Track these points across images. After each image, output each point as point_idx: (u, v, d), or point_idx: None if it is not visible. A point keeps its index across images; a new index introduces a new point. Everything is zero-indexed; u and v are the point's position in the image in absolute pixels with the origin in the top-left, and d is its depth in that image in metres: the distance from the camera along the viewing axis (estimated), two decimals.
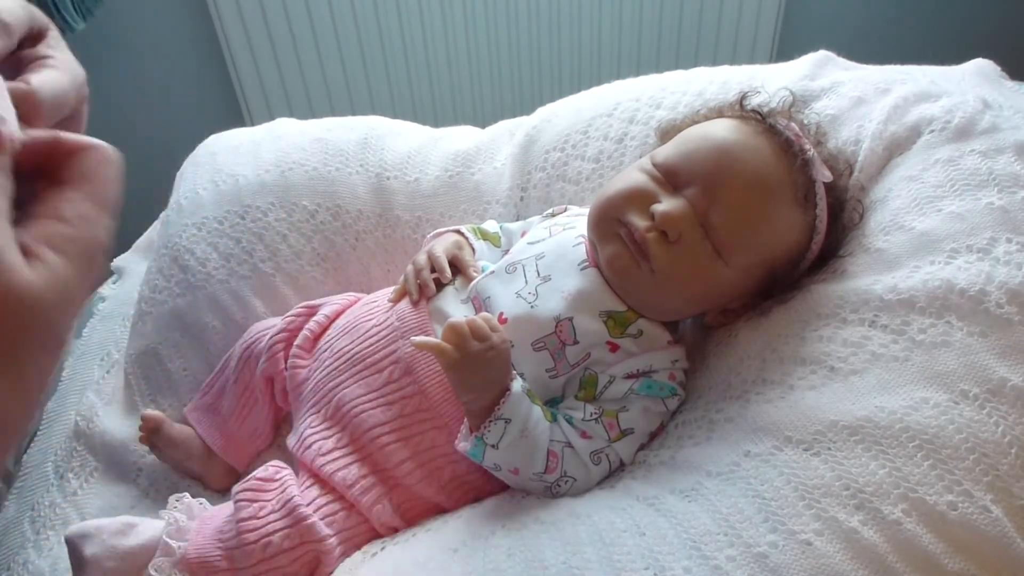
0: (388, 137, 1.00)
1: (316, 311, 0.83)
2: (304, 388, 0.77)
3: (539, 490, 0.68)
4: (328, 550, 0.64)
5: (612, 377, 0.69)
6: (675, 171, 0.70)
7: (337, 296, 0.86)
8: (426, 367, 0.71)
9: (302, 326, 0.81)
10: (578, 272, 0.72)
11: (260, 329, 0.84)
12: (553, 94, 1.05)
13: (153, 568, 0.63)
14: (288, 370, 0.79)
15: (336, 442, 0.71)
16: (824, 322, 0.66)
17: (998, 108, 0.75)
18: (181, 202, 0.95)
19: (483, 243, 0.84)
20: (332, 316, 0.82)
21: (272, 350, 0.80)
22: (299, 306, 0.84)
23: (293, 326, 0.82)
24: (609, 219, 0.70)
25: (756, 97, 0.78)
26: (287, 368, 0.79)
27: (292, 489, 0.67)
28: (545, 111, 1.01)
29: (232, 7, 1.72)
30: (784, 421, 0.60)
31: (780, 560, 0.52)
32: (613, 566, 0.54)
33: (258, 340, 0.82)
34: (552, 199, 0.93)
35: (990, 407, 0.56)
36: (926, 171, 0.71)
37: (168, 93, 1.90)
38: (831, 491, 0.54)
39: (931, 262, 0.64)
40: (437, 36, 1.84)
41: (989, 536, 0.52)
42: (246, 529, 0.64)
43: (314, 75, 1.86)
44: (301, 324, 0.82)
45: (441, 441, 0.70)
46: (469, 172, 0.97)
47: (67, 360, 0.96)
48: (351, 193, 0.94)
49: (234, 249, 0.90)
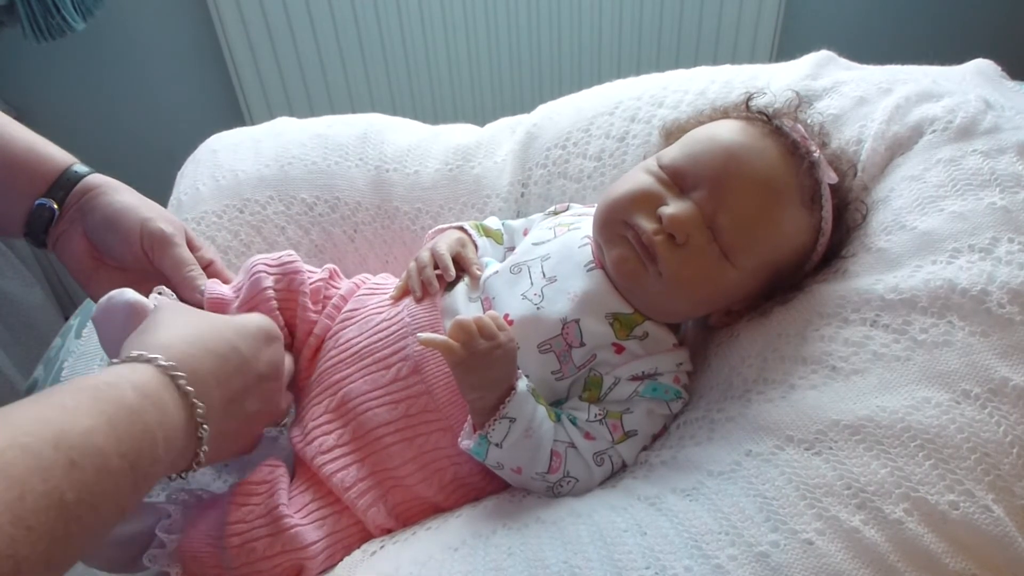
0: (388, 132, 1.00)
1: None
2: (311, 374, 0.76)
3: (541, 489, 0.68)
4: (311, 556, 0.64)
5: (617, 379, 0.69)
6: (682, 173, 0.70)
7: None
8: (435, 367, 0.70)
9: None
10: (584, 274, 0.72)
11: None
12: (553, 93, 1.05)
13: (147, 558, 0.64)
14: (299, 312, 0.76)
15: (338, 439, 0.70)
16: (826, 322, 0.66)
17: (1000, 108, 0.75)
18: (181, 198, 0.95)
19: (486, 240, 0.84)
20: (345, 294, 0.80)
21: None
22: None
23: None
24: (616, 221, 0.70)
25: (761, 98, 0.78)
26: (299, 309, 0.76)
27: (281, 495, 0.66)
28: (546, 109, 1.01)
29: (232, 7, 1.72)
30: (785, 420, 0.60)
31: (781, 559, 0.52)
32: (614, 565, 0.54)
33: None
34: (553, 196, 0.93)
35: (992, 407, 0.56)
36: (928, 171, 0.71)
37: (168, 93, 1.90)
38: (832, 490, 0.54)
39: (933, 262, 0.64)
40: (437, 36, 1.84)
41: (990, 536, 0.52)
42: (232, 532, 0.64)
43: (314, 75, 1.86)
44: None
45: (445, 443, 0.70)
46: (469, 166, 0.97)
47: (67, 360, 0.96)
48: (350, 185, 0.94)
49: (232, 242, 0.91)
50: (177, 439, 0.50)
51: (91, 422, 0.43)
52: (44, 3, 1.45)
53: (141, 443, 0.46)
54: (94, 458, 0.42)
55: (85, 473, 0.41)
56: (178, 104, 1.92)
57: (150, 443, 0.46)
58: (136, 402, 0.47)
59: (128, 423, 0.45)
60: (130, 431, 0.45)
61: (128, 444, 0.45)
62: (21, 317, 1.60)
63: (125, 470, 0.44)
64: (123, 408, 0.46)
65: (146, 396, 0.48)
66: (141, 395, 0.47)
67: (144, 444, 0.46)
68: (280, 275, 0.75)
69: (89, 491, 0.41)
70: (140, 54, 1.83)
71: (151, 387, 0.49)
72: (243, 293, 0.74)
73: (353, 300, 0.79)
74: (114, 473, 0.43)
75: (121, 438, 0.44)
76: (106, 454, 0.43)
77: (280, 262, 0.76)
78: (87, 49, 1.76)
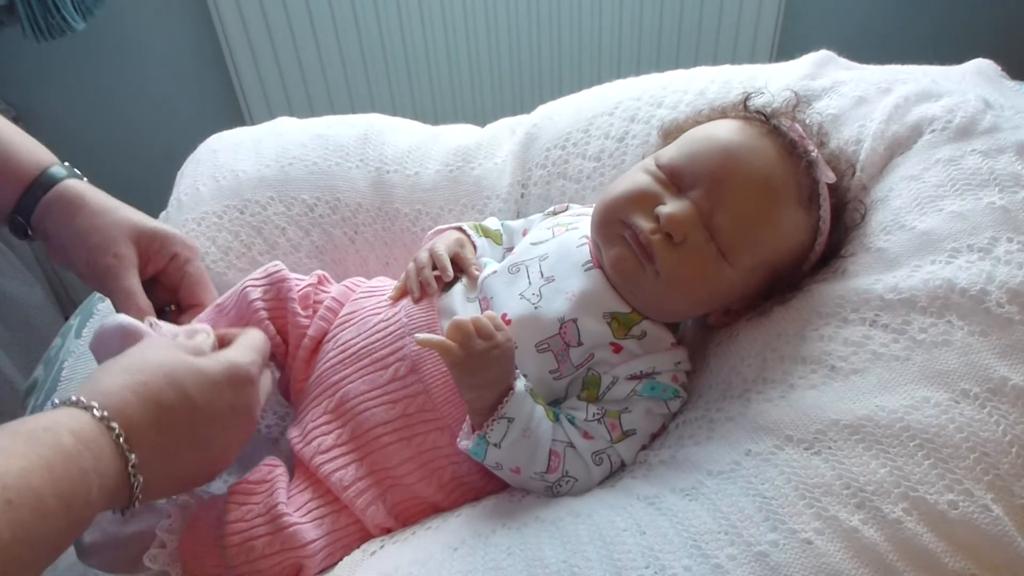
0: (388, 133, 1.00)
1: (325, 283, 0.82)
2: (309, 377, 0.76)
3: (540, 489, 0.68)
4: (310, 555, 0.65)
5: (615, 378, 0.69)
6: (680, 172, 0.70)
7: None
8: (432, 366, 0.70)
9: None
10: (582, 273, 0.72)
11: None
12: (553, 93, 1.05)
13: (148, 559, 0.64)
14: (290, 316, 0.77)
15: (336, 439, 0.71)
16: (825, 321, 0.66)
17: (999, 108, 0.75)
18: (181, 198, 0.95)
19: (485, 240, 0.84)
20: (339, 298, 0.80)
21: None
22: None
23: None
24: (613, 221, 0.70)
25: (760, 98, 0.78)
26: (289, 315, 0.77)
27: (279, 494, 0.67)
28: (546, 109, 1.01)
29: (232, 7, 1.72)
30: (785, 420, 0.60)
31: (781, 559, 0.52)
32: (613, 565, 0.54)
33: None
34: (553, 197, 0.93)
35: (991, 406, 0.56)
36: (927, 171, 0.71)
37: (168, 93, 1.90)
38: (832, 490, 0.54)
39: (932, 261, 0.64)
40: (437, 36, 1.84)
41: (989, 535, 0.52)
42: (232, 531, 0.64)
43: (314, 75, 1.86)
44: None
45: (443, 442, 0.70)
46: (469, 167, 0.97)
47: (67, 360, 0.96)
48: (350, 187, 0.94)
49: (232, 243, 0.91)
50: (112, 483, 0.50)
51: (27, 464, 0.44)
52: (44, 3, 1.46)
53: (77, 485, 0.47)
54: (30, 499, 0.43)
55: (21, 513, 0.42)
56: (178, 104, 1.92)
57: (85, 486, 0.47)
58: (72, 446, 0.48)
59: (64, 466, 0.46)
60: (66, 474, 0.46)
61: (64, 486, 0.46)
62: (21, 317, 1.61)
63: (61, 511, 0.45)
64: (59, 452, 0.47)
65: (82, 441, 0.49)
66: (77, 440, 0.48)
67: (80, 487, 0.47)
68: (268, 285, 0.77)
69: (25, 531, 0.42)
70: (140, 54, 1.83)
71: (87, 433, 0.49)
72: (232, 311, 0.76)
73: (351, 303, 0.80)
74: (50, 514, 0.44)
75: (57, 480, 0.45)
76: (42, 495, 0.44)
77: (266, 273, 0.78)
78: (87, 49, 1.76)
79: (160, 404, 0.55)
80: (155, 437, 0.54)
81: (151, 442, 0.53)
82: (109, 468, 0.50)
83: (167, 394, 0.55)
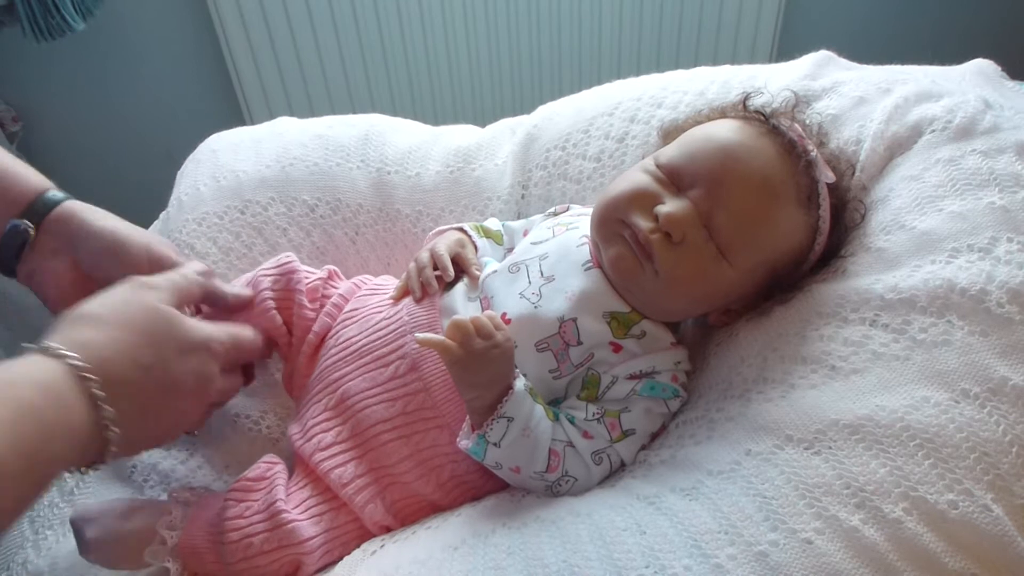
0: (389, 133, 1.00)
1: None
2: (312, 373, 0.77)
3: (540, 489, 0.68)
4: (308, 551, 0.65)
5: (615, 378, 0.69)
6: (679, 172, 0.70)
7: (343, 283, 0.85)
8: (432, 365, 0.71)
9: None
10: (582, 273, 0.72)
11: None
12: (553, 94, 1.05)
13: (148, 555, 0.65)
14: (296, 309, 0.77)
15: (336, 436, 0.71)
16: (825, 321, 0.66)
17: (999, 108, 0.75)
18: (182, 198, 0.95)
19: (485, 241, 0.84)
20: (345, 294, 0.81)
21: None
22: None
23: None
24: (613, 220, 0.70)
25: (759, 98, 0.78)
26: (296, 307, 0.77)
27: (278, 491, 0.67)
28: (546, 110, 1.01)
29: (232, 7, 1.72)
30: (785, 420, 0.60)
31: (781, 559, 0.52)
32: (613, 564, 0.54)
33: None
34: (553, 197, 0.93)
35: (991, 406, 0.56)
36: (927, 171, 0.71)
37: (168, 93, 1.90)
38: (832, 490, 0.54)
39: (932, 261, 0.64)
40: (437, 36, 1.84)
41: (989, 535, 0.52)
42: (230, 528, 0.65)
43: (314, 75, 1.86)
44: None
45: (442, 440, 0.70)
46: (470, 168, 0.97)
47: None
48: (351, 187, 0.94)
49: (233, 243, 0.91)
50: (81, 437, 0.50)
51: None
52: (44, 3, 1.45)
53: (40, 442, 0.46)
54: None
55: None
56: (178, 104, 1.92)
57: (48, 442, 0.47)
58: (37, 400, 0.47)
59: (27, 423, 0.46)
60: (29, 430, 0.46)
61: (27, 443, 0.45)
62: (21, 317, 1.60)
63: (23, 470, 0.45)
64: (22, 407, 0.46)
65: (50, 394, 0.48)
66: (44, 393, 0.48)
67: (43, 443, 0.47)
68: (278, 276, 0.78)
69: None
70: (140, 54, 1.83)
71: (58, 385, 0.49)
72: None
73: (354, 300, 0.80)
74: (12, 473, 0.44)
75: (19, 437, 0.45)
76: (1, 454, 0.44)
77: (278, 263, 0.79)
78: (87, 49, 1.76)
79: (137, 362, 0.55)
80: (127, 395, 0.53)
81: (123, 399, 0.53)
82: (79, 421, 0.50)
83: (145, 354, 0.55)
